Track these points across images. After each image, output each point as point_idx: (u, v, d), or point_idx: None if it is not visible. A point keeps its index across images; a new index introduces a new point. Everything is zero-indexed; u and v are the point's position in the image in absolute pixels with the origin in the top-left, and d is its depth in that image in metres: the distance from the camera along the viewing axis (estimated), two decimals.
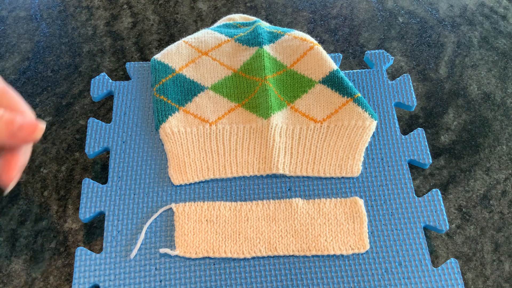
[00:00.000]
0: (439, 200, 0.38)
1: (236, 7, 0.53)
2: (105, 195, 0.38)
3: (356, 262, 0.36)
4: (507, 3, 0.54)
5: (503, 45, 0.51)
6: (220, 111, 0.42)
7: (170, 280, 0.35)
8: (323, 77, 0.43)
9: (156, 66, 0.43)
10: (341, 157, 0.40)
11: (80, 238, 0.38)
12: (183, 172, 0.39)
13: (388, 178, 0.39)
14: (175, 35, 0.51)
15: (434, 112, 0.46)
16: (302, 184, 0.39)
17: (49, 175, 0.42)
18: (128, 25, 0.51)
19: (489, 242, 0.40)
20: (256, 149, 0.40)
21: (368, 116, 0.41)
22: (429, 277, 0.35)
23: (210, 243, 0.36)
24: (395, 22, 0.52)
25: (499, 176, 0.43)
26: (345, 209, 0.38)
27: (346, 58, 0.49)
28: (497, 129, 0.45)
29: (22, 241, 0.38)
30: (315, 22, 0.52)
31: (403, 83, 0.44)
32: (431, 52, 0.50)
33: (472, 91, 0.48)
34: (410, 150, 0.41)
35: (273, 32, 0.45)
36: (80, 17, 0.52)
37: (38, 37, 0.50)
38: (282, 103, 0.42)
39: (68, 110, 0.45)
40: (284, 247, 0.36)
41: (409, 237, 0.37)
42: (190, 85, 0.43)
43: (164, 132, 0.40)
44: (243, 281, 0.35)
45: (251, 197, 0.38)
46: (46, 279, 0.37)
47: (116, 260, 0.35)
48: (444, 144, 0.44)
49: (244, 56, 0.44)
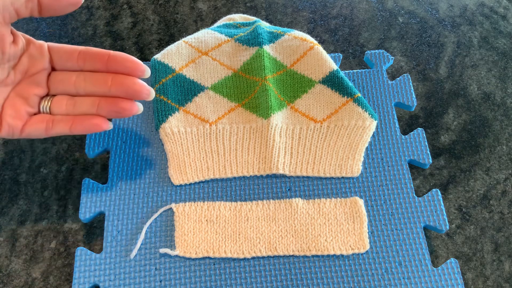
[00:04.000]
0: (439, 200, 0.38)
1: (236, 7, 0.53)
2: (105, 195, 0.38)
3: (356, 262, 0.36)
4: (507, 3, 0.54)
5: (503, 45, 0.51)
6: (220, 111, 0.42)
7: (170, 280, 0.35)
8: (323, 77, 0.43)
9: (156, 66, 0.43)
10: (341, 157, 0.40)
11: (80, 238, 0.38)
12: (183, 172, 0.39)
13: (388, 178, 0.39)
14: (175, 35, 0.51)
15: (434, 112, 0.46)
16: (302, 184, 0.39)
17: (49, 175, 0.42)
18: (128, 25, 0.51)
19: (489, 242, 0.40)
20: (256, 149, 0.40)
21: (368, 116, 0.41)
22: (429, 277, 0.35)
23: (210, 243, 0.36)
24: (395, 22, 0.52)
25: (499, 176, 0.43)
26: (345, 209, 0.38)
27: (346, 58, 0.49)
28: (497, 129, 0.45)
29: (22, 241, 0.38)
30: (315, 22, 0.52)
31: (403, 83, 0.44)
32: (431, 52, 0.50)
33: (472, 91, 0.48)
34: (410, 150, 0.41)
35: (273, 32, 0.45)
36: (80, 17, 0.52)
37: (38, 37, 0.50)
38: (282, 103, 0.42)
39: None
40: (284, 247, 0.36)
41: (409, 237, 0.37)
42: (190, 85, 0.43)
43: (164, 132, 0.40)
44: (243, 281, 0.35)
45: (251, 197, 0.38)
46: (46, 279, 0.37)
47: (116, 260, 0.35)
48: (444, 144, 0.44)
49: (244, 56, 0.44)
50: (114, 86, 0.33)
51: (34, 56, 0.34)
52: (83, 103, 0.34)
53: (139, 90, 0.33)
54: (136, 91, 0.33)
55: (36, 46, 0.34)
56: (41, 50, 0.34)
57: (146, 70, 0.33)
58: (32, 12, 0.31)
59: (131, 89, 0.33)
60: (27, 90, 0.33)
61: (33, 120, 0.33)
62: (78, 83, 0.34)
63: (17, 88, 0.34)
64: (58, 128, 0.33)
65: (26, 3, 0.30)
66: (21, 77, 0.34)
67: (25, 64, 0.33)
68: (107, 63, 0.33)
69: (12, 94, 0.33)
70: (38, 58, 0.34)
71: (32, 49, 0.34)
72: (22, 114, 0.33)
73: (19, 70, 0.33)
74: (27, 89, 0.34)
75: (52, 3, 0.30)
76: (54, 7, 0.31)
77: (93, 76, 0.34)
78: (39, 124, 0.33)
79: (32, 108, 0.34)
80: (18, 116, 0.33)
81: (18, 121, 0.33)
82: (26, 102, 0.33)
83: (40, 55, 0.34)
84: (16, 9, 0.30)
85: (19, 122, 0.33)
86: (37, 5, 0.30)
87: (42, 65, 0.34)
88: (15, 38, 0.32)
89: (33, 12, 0.31)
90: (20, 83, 0.34)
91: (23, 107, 0.33)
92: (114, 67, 0.33)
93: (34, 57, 0.34)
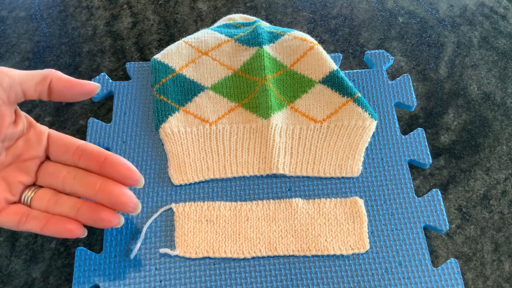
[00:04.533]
0: (439, 200, 0.38)
1: (236, 7, 0.53)
2: None
3: (356, 262, 0.36)
4: (507, 3, 0.54)
5: (503, 45, 0.51)
6: (220, 111, 0.42)
7: (170, 280, 0.35)
8: (323, 77, 0.43)
9: (156, 66, 0.43)
10: (341, 157, 0.40)
11: (80, 238, 0.38)
12: (183, 172, 0.39)
13: (388, 178, 0.39)
14: (175, 35, 0.51)
15: (434, 112, 0.46)
16: (302, 184, 0.39)
17: None
18: (128, 25, 0.51)
19: (489, 242, 0.40)
20: (256, 149, 0.40)
21: (368, 116, 0.41)
22: (429, 277, 0.35)
23: (210, 243, 0.36)
24: (395, 22, 0.52)
25: (499, 176, 0.43)
26: (345, 209, 0.38)
27: (346, 58, 0.49)
28: (497, 129, 0.45)
29: (22, 241, 0.38)
30: (315, 22, 0.52)
31: (403, 83, 0.44)
32: (431, 52, 0.50)
33: (472, 91, 0.48)
34: (410, 150, 0.41)
35: (273, 32, 0.45)
36: (80, 17, 0.52)
37: (38, 37, 0.50)
38: (282, 103, 0.42)
39: (68, 110, 0.45)
40: (284, 247, 0.36)
41: (409, 237, 0.37)
42: (190, 85, 0.43)
43: (164, 132, 0.40)
44: (243, 281, 0.35)
45: (251, 197, 0.38)
46: (46, 279, 0.37)
47: (116, 260, 0.35)
48: (444, 144, 0.44)
49: (244, 56, 0.44)
50: (101, 192, 0.31)
51: (31, 142, 0.32)
52: (65, 204, 0.31)
53: (124, 202, 0.31)
54: (121, 203, 0.31)
55: (36, 131, 0.32)
56: (40, 136, 0.32)
57: (139, 180, 0.31)
58: (41, 95, 0.29)
59: (117, 199, 0.31)
60: (13, 176, 0.31)
61: (9, 210, 0.31)
62: (67, 180, 0.32)
63: (4, 172, 0.31)
64: (30, 225, 0.31)
65: (36, 86, 0.29)
66: (11, 160, 0.31)
67: (20, 148, 0.31)
68: (102, 165, 0.31)
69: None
70: (34, 144, 0.32)
71: (31, 134, 0.32)
72: (1, 200, 0.31)
73: (12, 153, 0.31)
74: (14, 175, 0.31)
75: (64, 90, 0.29)
76: (65, 94, 0.30)
77: (84, 177, 0.32)
78: (13, 216, 0.31)
79: (13, 196, 0.31)
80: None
81: None
82: (8, 188, 0.31)
83: (37, 142, 0.32)
84: (24, 90, 0.29)
85: None
86: (48, 89, 0.29)
87: (37, 152, 0.32)
88: (17, 119, 0.30)
89: (41, 95, 0.29)
90: (9, 166, 0.31)
91: (4, 194, 0.31)
92: (107, 170, 0.31)
93: (31, 143, 0.32)
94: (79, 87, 0.30)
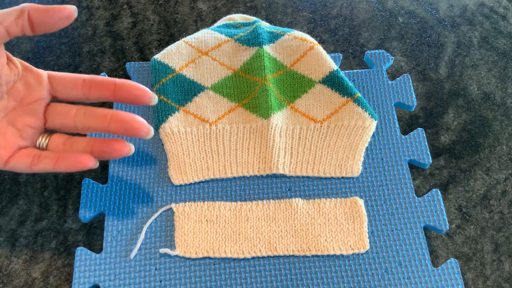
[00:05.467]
0: (439, 200, 0.38)
1: (236, 7, 0.53)
2: (105, 195, 0.38)
3: (356, 262, 0.36)
4: (507, 3, 0.54)
5: (503, 45, 0.51)
6: (220, 111, 0.42)
7: (170, 280, 0.35)
8: (323, 77, 0.43)
9: (156, 66, 0.43)
10: (341, 157, 0.40)
11: (80, 238, 0.38)
12: (183, 172, 0.39)
13: (388, 178, 0.39)
14: (175, 35, 0.51)
15: (434, 112, 0.46)
16: (302, 184, 0.39)
17: (49, 175, 0.42)
18: (128, 25, 0.51)
19: (489, 242, 0.40)
20: (256, 149, 0.40)
21: (368, 116, 0.41)
22: (429, 277, 0.35)
23: (210, 243, 0.36)
24: (395, 22, 0.52)
25: (499, 176, 0.43)
26: (345, 209, 0.38)
27: (346, 58, 0.49)
28: (497, 129, 0.45)
29: (22, 241, 0.38)
30: (315, 22, 0.52)
31: (403, 83, 0.44)
32: (431, 52, 0.50)
33: (472, 91, 0.48)
34: (410, 150, 0.41)
35: (273, 32, 0.45)
36: (80, 17, 0.52)
37: (38, 37, 0.50)
38: (282, 103, 0.42)
39: None
40: (284, 247, 0.36)
41: (409, 237, 0.37)
42: (190, 85, 0.43)
43: (164, 132, 0.40)
44: (243, 281, 0.35)
45: (251, 197, 0.38)
46: (46, 279, 0.37)
47: (116, 260, 0.35)
48: (444, 144, 0.44)
49: (244, 56, 0.44)
50: (113, 122, 0.32)
51: (31, 84, 0.32)
52: (80, 144, 0.33)
53: (138, 127, 0.32)
54: (135, 128, 0.32)
55: (34, 74, 0.32)
56: (39, 78, 0.32)
57: (153, 97, 0.33)
58: (24, 30, 0.29)
59: (130, 126, 0.32)
60: (21, 120, 0.32)
61: (21, 153, 0.32)
62: (78, 117, 0.33)
63: (9, 116, 0.32)
64: (42, 164, 0.32)
65: (16, 20, 0.29)
66: (15, 104, 0.32)
67: (21, 92, 0.32)
68: (114, 91, 0.32)
69: (4, 122, 0.32)
70: (35, 86, 0.32)
71: (29, 76, 0.32)
72: (11, 145, 0.32)
73: (14, 97, 0.32)
74: (21, 119, 0.32)
75: (43, 18, 0.29)
76: (46, 22, 0.29)
77: (93, 111, 0.33)
78: (25, 158, 0.32)
79: (25, 141, 0.32)
80: (6, 146, 0.31)
81: (4, 151, 0.31)
82: (19, 133, 0.32)
83: (38, 83, 0.32)
84: (6, 27, 0.29)
85: (5, 152, 0.31)
86: (28, 21, 0.29)
87: (39, 94, 0.32)
88: (10, 62, 0.31)
89: (25, 30, 0.30)
90: (13, 110, 0.32)
91: (15, 139, 0.32)
92: (121, 95, 0.32)
93: (31, 85, 0.32)
94: (57, 12, 0.30)
